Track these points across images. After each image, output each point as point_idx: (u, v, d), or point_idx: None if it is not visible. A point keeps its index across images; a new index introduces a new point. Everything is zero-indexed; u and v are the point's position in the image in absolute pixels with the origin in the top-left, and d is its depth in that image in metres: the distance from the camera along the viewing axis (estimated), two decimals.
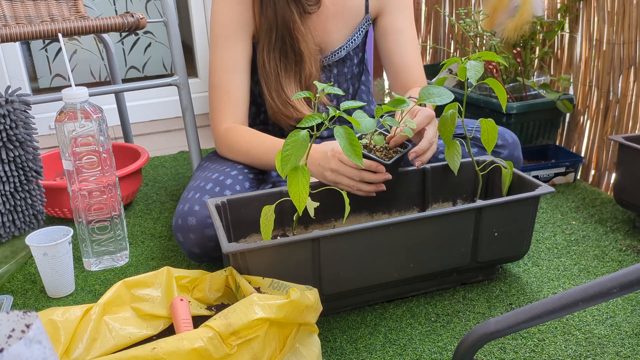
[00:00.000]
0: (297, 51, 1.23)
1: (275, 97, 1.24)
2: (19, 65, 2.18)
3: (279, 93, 1.24)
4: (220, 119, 1.25)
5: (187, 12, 2.43)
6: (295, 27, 1.20)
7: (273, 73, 1.23)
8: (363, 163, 0.92)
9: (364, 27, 1.33)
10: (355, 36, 1.31)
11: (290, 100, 1.23)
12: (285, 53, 1.23)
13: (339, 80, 1.35)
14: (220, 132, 1.25)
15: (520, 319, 0.64)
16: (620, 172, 1.34)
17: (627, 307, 1.05)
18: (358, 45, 1.34)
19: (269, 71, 1.23)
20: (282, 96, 1.24)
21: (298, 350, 0.82)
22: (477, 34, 1.79)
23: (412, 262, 1.02)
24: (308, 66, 1.24)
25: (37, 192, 1.29)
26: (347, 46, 1.31)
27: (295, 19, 1.20)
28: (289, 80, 1.24)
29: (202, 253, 1.12)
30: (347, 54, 1.32)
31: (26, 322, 0.48)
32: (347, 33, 1.31)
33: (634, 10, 1.43)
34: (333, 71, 1.33)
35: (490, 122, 1.09)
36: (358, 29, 1.31)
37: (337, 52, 1.31)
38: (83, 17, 1.50)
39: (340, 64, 1.33)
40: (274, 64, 1.23)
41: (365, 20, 1.32)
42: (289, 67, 1.24)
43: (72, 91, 1.13)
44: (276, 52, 1.23)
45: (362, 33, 1.33)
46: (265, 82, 1.24)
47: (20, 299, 1.15)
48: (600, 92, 1.59)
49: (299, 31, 1.21)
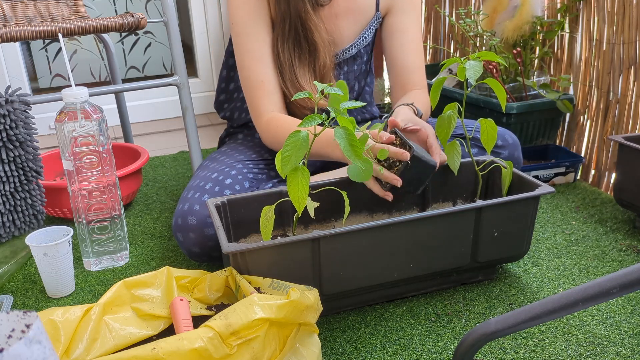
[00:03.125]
0: (311, 41, 1.23)
1: (290, 87, 1.25)
2: (19, 65, 2.18)
3: (294, 82, 1.24)
4: (260, 112, 1.24)
5: (187, 12, 2.43)
6: (308, 17, 1.21)
7: (287, 63, 1.24)
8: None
9: (375, 24, 1.33)
10: (366, 34, 1.32)
11: (304, 89, 1.24)
12: (299, 43, 1.23)
13: (348, 77, 1.36)
14: (262, 125, 1.24)
15: (520, 319, 0.64)
16: (620, 172, 1.34)
17: (627, 307, 1.05)
18: (368, 43, 1.34)
19: (283, 61, 1.24)
20: (297, 85, 1.24)
21: (298, 351, 0.82)
22: (477, 34, 1.79)
23: (412, 262, 1.02)
24: (322, 56, 1.24)
25: (37, 192, 1.29)
26: (358, 44, 1.32)
27: (308, 9, 1.20)
28: (304, 70, 1.25)
29: (202, 252, 1.12)
30: (357, 51, 1.33)
31: (26, 322, 0.48)
32: (358, 30, 1.31)
33: (634, 10, 1.43)
34: (343, 68, 1.34)
35: (490, 122, 1.09)
36: (369, 26, 1.32)
37: (348, 50, 1.31)
38: (83, 17, 1.50)
39: (350, 62, 1.34)
40: (287, 54, 1.24)
41: (376, 18, 1.32)
42: (302, 57, 1.25)
43: (72, 91, 1.13)
44: (290, 42, 1.23)
45: (373, 31, 1.33)
46: (280, 72, 1.25)
47: (20, 299, 1.15)
48: (600, 92, 1.59)
49: (312, 21, 1.22)
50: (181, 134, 2.23)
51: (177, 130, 2.31)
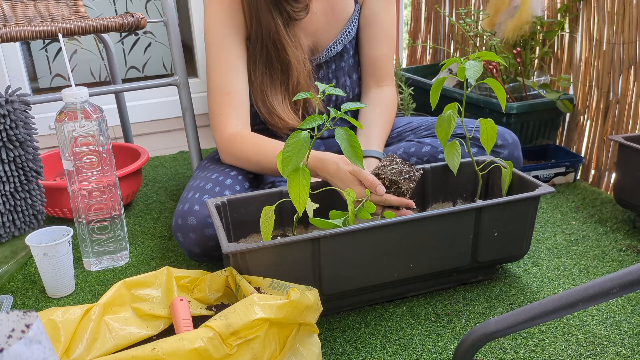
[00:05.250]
0: (284, 60, 1.22)
1: (261, 107, 1.24)
2: (19, 65, 2.18)
3: (264, 102, 1.23)
4: (224, 124, 1.20)
5: (187, 12, 2.43)
6: (279, 37, 1.19)
7: (258, 83, 1.23)
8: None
9: (357, 17, 1.32)
10: (349, 28, 1.31)
11: (275, 110, 1.23)
12: (271, 63, 1.22)
13: (337, 75, 1.35)
14: (224, 139, 1.20)
15: (520, 319, 0.64)
16: (620, 172, 1.34)
17: (627, 307, 1.05)
18: (353, 37, 1.33)
19: (254, 81, 1.23)
20: (267, 106, 1.23)
21: (298, 351, 0.82)
22: (477, 34, 1.79)
23: (412, 262, 1.02)
24: (295, 75, 1.22)
25: (37, 192, 1.29)
26: (343, 39, 1.31)
27: (280, 29, 1.19)
28: (275, 90, 1.23)
29: (203, 252, 1.12)
30: (343, 47, 1.32)
31: (26, 322, 0.48)
32: (340, 27, 1.30)
33: (634, 10, 1.43)
34: (331, 67, 1.33)
35: (490, 122, 1.09)
36: (351, 20, 1.31)
37: (333, 47, 1.30)
38: (83, 17, 1.50)
39: (337, 59, 1.33)
40: (259, 73, 1.23)
41: (357, 10, 1.31)
42: (274, 76, 1.23)
43: (72, 91, 1.13)
44: (261, 63, 1.22)
45: (356, 23, 1.32)
46: (252, 92, 1.24)
47: (20, 299, 1.15)
48: (600, 92, 1.59)
49: (284, 40, 1.20)
50: (181, 134, 2.23)
51: (177, 130, 2.31)
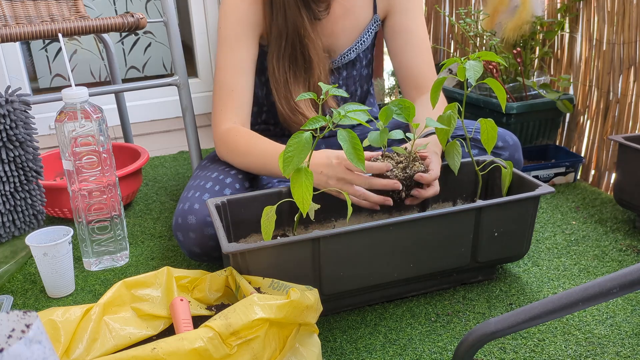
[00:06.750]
0: (307, 58, 1.21)
1: (285, 104, 1.23)
2: (19, 65, 2.18)
3: (288, 100, 1.22)
4: (222, 119, 1.22)
5: (187, 12, 2.43)
6: (306, 33, 1.19)
7: (282, 80, 1.22)
8: (372, 166, 0.98)
9: (373, 28, 1.32)
10: (364, 37, 1.31)
11: (299, 108, 1.22)
12: (295, 60, 1.22)
13: (347, 82, 1.34)
14: (220, 132, 1.22)
15: (520, 319, 0.64)
16: (620, 172, 1.34)
17: (627, 307, 1.05)
18: (367, 46, 1.33)
19: (278, 78, 1.22)
20: (291, 103, 1.22)
21: (298, 351, 0.82)
22: (477, 34, 1.79)
23: (412, 262, 1.02)
24: (317, 73, 1.22)
25: (37, 192, 1.29)
26: (357, 48, 1.30)
27: (306, 26, 1.18)
28: (298, 87, 1.23)
29: (203, 252, 1.12)
30: (356, 56, 1.32)
31: (26, 322, 0.48)
32: (356, 35, 1.30)
33: (634, 10, 1.43)
34: (342, 74, 1.33)
35: (490, 122, 1.09)
36: (367, 30, 1.31)
37: (346, 54, 1.30)
38: (83, 17, 1.50)
39: (349, 66, 1.33)
40: (283, 70, 1.22)
41: (374, 21, 1.31)
42: (298, 73, 1.23)
43: (72, 91, 1.13)
44: (286, 59, 1.21)
45: (372, 34, 1.32)
46: (275, 89, 1.23)
47: (20, 299, 1.15)
48: (600, 92, 1.59)
49: (309, 38, 1.20)
50: (181, 134, 2.23)
51: (177, 130, 2.31)
